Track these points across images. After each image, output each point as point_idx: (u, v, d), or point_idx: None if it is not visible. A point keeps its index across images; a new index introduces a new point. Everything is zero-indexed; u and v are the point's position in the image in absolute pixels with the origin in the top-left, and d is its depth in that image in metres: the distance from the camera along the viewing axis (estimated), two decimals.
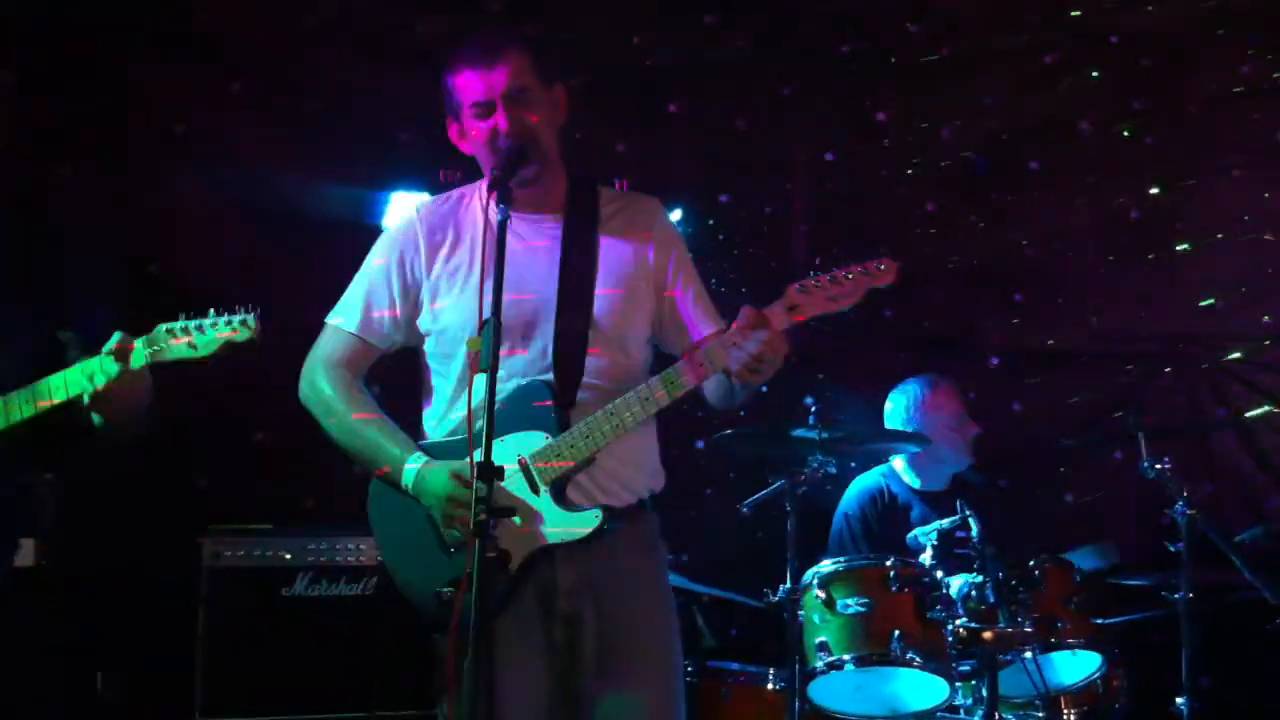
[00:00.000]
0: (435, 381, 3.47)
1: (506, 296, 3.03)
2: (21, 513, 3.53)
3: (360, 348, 3.47)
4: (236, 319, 3.14)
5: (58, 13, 5.35)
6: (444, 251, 3.43)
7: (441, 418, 3.43)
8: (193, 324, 3.15)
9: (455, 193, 3.54)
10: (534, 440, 3.26)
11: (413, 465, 3.30)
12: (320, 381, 3.46)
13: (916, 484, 5.54)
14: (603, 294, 3.39)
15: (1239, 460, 6.46)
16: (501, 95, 3.32)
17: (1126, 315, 6.71)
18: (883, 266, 3.20)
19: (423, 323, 3.45)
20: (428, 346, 3.47)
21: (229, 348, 3.15)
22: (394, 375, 3.59)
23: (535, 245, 3.41)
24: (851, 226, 6.68)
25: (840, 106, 6.64)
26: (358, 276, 3.52)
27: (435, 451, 3.33)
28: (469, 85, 3.35)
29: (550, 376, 3.31)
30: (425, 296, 3.44)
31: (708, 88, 6.42)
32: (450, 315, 3.38)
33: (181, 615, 4.92)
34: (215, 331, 3.14)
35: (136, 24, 5.56)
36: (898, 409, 5.58)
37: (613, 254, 3.44)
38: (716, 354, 3.19)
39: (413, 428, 3.47)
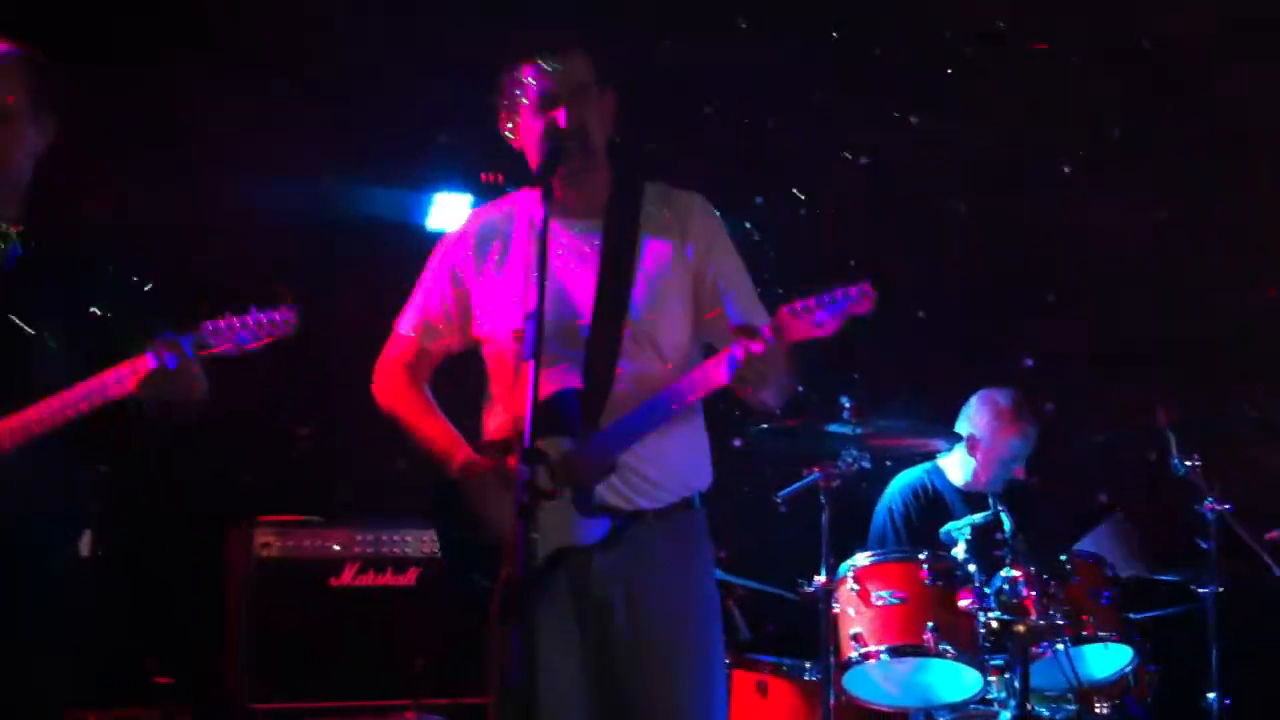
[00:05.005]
0: (491, 383, 3.55)
1: (547, 303, 3.09)
2: (82, 504, 3.64)
3: (418, 351, 3.60)
4: (277, 316, 3.27)
5: (107, 19, 5.48)
6: (494, 257, 3.51)
7: (497, 416, 3.51)
8: (236, 320, 3.27)
9: (507, 198, 3.60)
10: (559, 445, 3.32)
11: (458, 460, 3.42)
12: (384, 382, 3.62)
13: (962, 483, 5.62)
14: (638, 298, 3.43)
15: (1272, 459, 6.48)
16: (565, 90, 3.38)
17: (1159, 316, 6.75)
18: (861, 293, 3.13)
19: (477, 328, 3.53)
20: (484, 350, 3.54)
21: (271, 340, 3.28)
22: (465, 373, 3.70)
23: (576, 250, 3.46)
24: (884, 228, 6.75)
25: (873, 109, 6.71)
26: (420, 281, 3.63)
27: (483, 449, 3.43)
28: (532, 78, 3.40)
29: (579, 383, 3.37)
30: (477, 301, 3.52)
31: (741, 90, 6.50)
32: (502, 319, 3.45)
33: (231, 604, 5.04)
34: (257, 325, 3.26)
35: (182, 29, 5.67)
36: (975, 414, 5.65)
37: (651, 255, 3.47)
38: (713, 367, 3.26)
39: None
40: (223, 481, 5.55)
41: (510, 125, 3.50)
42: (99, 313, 3.45)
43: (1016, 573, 4.66)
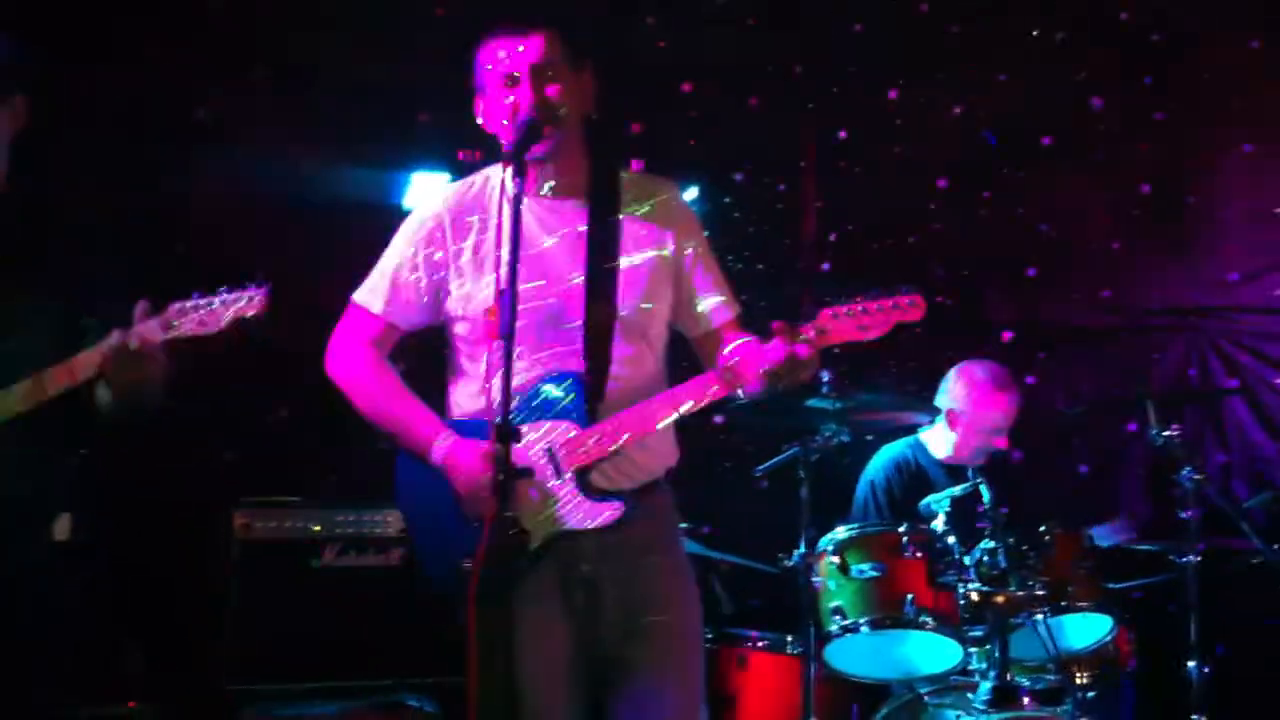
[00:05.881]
0: (464, 363, 3.52)
1: (531, 285, 3.17)
2: (58, 488, 3.63)
3: (385, 329, 3.56)
4: (245, 295, 3.24)
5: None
6: (469, 236, 3.48)
7: (472, 397, 3.48)
8: (203, 301, 3.24)
9: (480, 175, 3.58)
10: (562, 431, 3.34)
11: (442, 443, 3.39)
12: (348, 360, 3.56)
13: (943, 456, 5.63)
14: (626, 283, 3.44)
15: (1249, 430, 6.53)
16: (528, 68, 3.36)
17: (1138, 289, 6.78)
18: (912, 303, 3.25)
19: (450, 307, 3.51)
20: (457, 329, 3.52)
21: (239, 322, 3.24)
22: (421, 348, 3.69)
23: (559, 232, 3.46)
24: (863, 204, 6.76)
25: (851, 84, 6.72)
26: (384, 258, 3.58)
27: (464, 430, 3.41)
28: (496, 57, 3.40)
29: (579, 368, 3.38)
30: (451, 281, 3.49)
31: (720, 67, 6.50)
32: (478, 300, 3.43)
33: (212, 587, 5.04)
34: (225, 307, 3.23)
35: (155, 8, 5.64)
36: (955, 387, 5.66)
37: (634, 241, 3.48)
38: (745, 369, 3.27)
39: (438, 397, 3.57)
40: (201, 465, 5.54)
41: (482, 107, 3.49)
42: (72, 296, 3.44)
43: (995, 544, 4.68)
